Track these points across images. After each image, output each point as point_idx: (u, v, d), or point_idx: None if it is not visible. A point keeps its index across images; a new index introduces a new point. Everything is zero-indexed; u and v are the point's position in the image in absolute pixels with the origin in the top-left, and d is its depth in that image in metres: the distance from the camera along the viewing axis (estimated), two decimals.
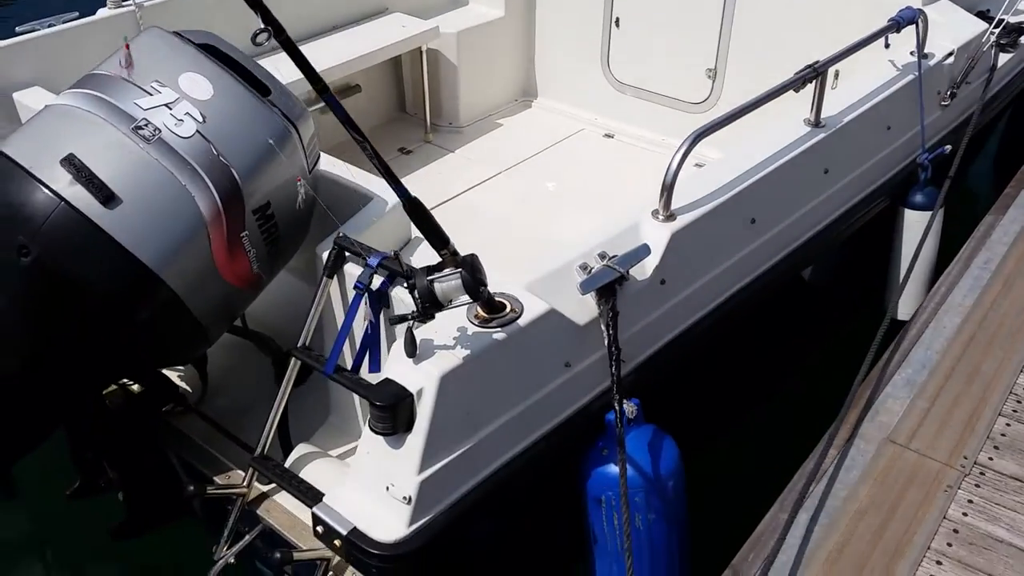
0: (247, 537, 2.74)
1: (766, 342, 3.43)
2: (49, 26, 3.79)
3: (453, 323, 2.16)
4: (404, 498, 2.07)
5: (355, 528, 2.10)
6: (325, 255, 2.71)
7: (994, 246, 3.55)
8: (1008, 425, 2.77)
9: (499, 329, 2.16)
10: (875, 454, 2.66)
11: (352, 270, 2.66)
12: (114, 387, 3.16)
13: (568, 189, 4.58)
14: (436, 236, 2.01)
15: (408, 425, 2.07)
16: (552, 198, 4.54)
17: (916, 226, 3.52)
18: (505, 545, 2.62)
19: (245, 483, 2.75)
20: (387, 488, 2.10)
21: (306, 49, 4.64)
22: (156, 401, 3.06)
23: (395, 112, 5.52)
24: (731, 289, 2.79)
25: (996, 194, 4.17)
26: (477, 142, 5.25)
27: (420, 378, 2.06)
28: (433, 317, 2.00)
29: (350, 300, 2.69)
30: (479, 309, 2.19)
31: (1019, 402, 2.84)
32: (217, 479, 2.87)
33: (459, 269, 1.95)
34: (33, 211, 2.30)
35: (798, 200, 3.00)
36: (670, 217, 2.55)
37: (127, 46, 2.50)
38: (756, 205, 2.79)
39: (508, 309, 2.20)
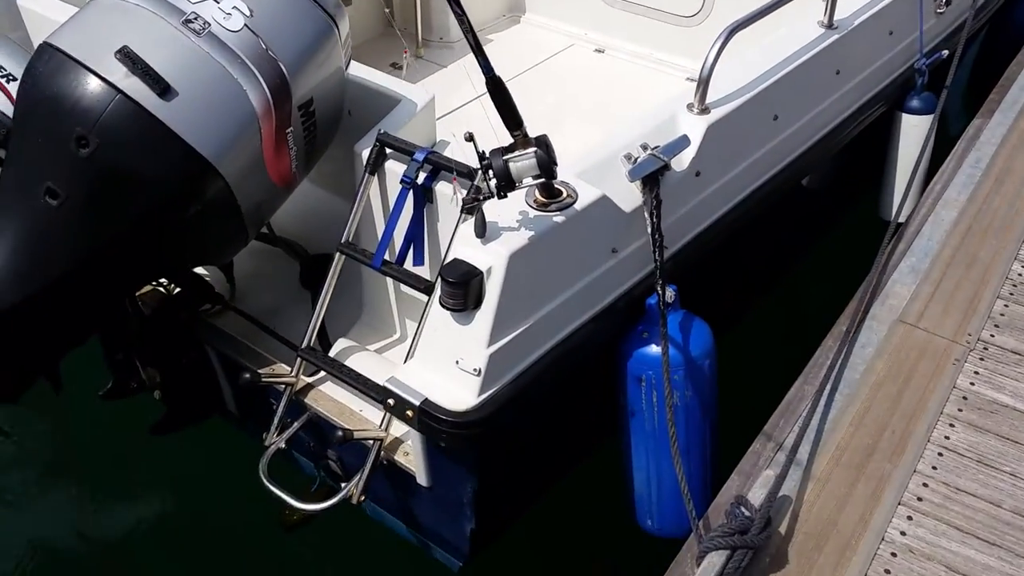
0: (296, 424, 2.86)
1: (781, 237, 3.61)
2: None
3: (514, 207, 2.27)
4: (474, 370, 2.20)
5: (427, 399, 2.23)
6: (365, 153, 2.77)
7: (983, 147, 3.75)
8: (1006, 306, 2.99)
9: (558, 212, 2.27)
10: (887, 333, 2.87)
11: (393, 167, 2.74)
12: (148, 288, 3.22)
13: (564, 104, 4.63)
14: (512, 117, 2.10)
15: (477, 302, 2.19)
16: (549, 113, 4.60)
17: (913, 131, 3.69)
18: (550, 422, 2.78)
19: (293, 373, 2.85)
20: (456, 362, 2.23)
21: None
22: (193, 301, 3.11)
23: (384, 27, 5.47)
24: (756, 183, 2.94)
25: (975, 100, 4.37)
26: (469, 57, 5.22)
27: (490, 257, 2.17)
28: (506, 196, 2.10)
29: (390, 196, 2.78)
30: (538, 194, 2.29)
31: (1015, 286, 3.07)
32: (260, 371, 2.96)
33: (534, 148, 2.05)
34: (90, 103, 2.32)
35: (814, 99, 3.14)
36: (704, 110, 2.67)
37: None
38: (779, 102, 2.92)
39: (565, 195, 2.31)
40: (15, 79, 3.14)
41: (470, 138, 2.10)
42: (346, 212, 3.38)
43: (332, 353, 2.88)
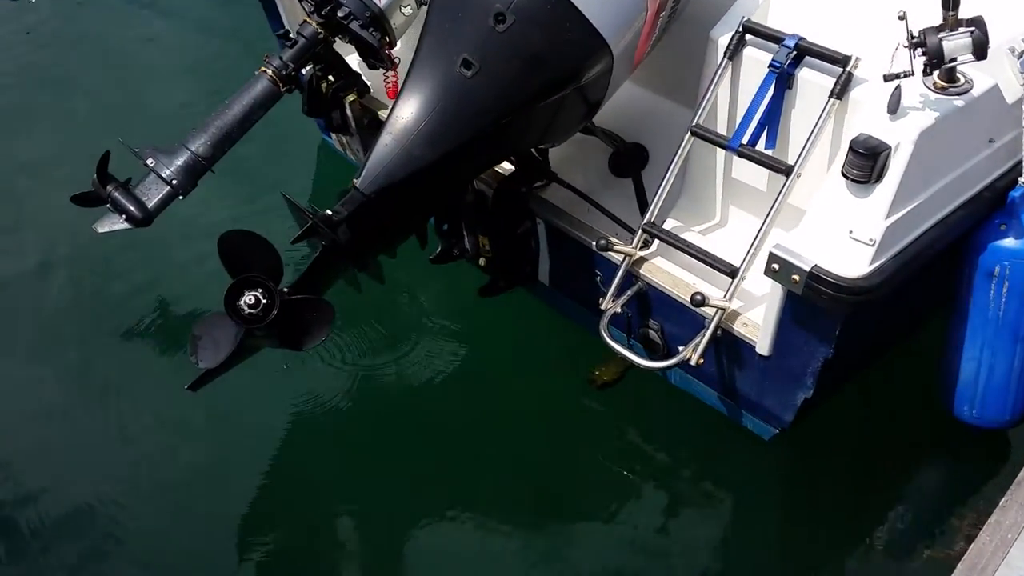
0: (630, 291, 3.11)
1: None
2: None
3: (914, 90, 2.39)
4: (869, 240, 2.37)
5: (817, 265, 2.41)
6: (722, 40, 2.92)
7: None
8: None
9: (957, 97, 2.38)
10: None
11: (751, 53, 2.88)
12: None
13: None
14: None
15: (879, 176, 2.34)
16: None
17: None
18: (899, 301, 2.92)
19: (635, 245, 3.08)
20: (849, 232, 2.40)
21: None
22: (531, 176, 3.38)
23: None
24: None
25: None
26: None
27: (899, 133, 2.31)
28: (930, 74, 2.22)
29: (743, 80, 2.93)
30: (937, 78, 2.40)
31: None
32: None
33: (970, 28, 2.15)
34: None
35: None
36: None
37: None
38: None
39: (963, 81, 2.41)
40: None
41: (903, 16, 2.21)
42: (654, 105, 3.58)
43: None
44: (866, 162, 2.30)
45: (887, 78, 2.28)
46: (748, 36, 2.87)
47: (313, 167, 4.71)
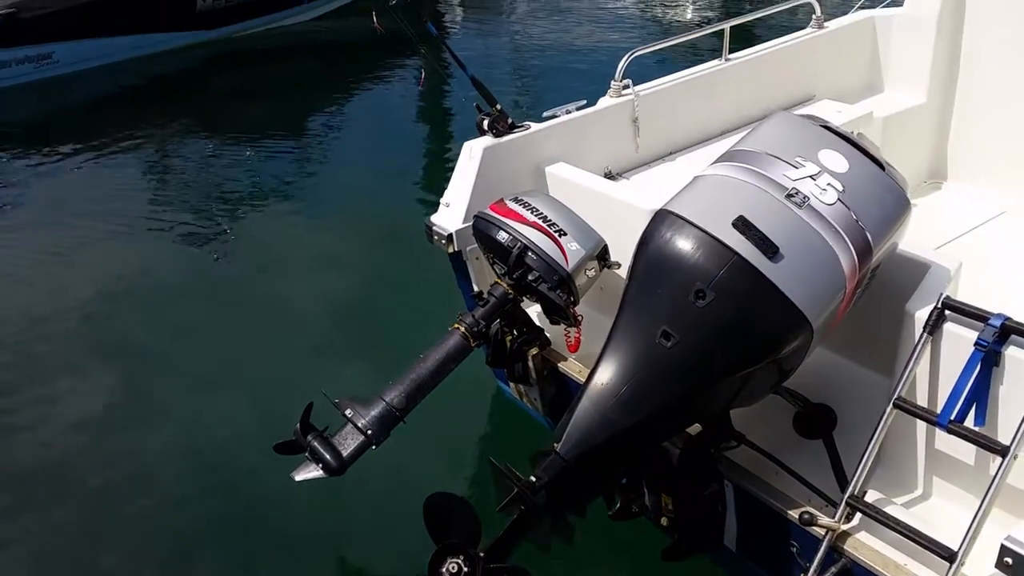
0: (833, 568, 2.95)
1: None
2: (567, 112, 4.41)
3: None
4: None
5: None
6: (920, 314, 2.94)
7: None
8: None
9: None
10: None
11: (953, 329, 2.87)
12: None
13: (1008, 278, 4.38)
14: None
15: None
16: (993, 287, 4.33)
17: None
18: None
19: (838, 519, 2.97)
20: None
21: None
22: (720, 437, 3.36)
23: None
24: None
25: None
26: None
27: None
28: None
29: (944, 356, 2.90)
30: None
31: None
32: (790, 512, 3.11)
33: None
34: (709, 263, 2.72)
35: None
36: None
37: None
38: None
39: None
40: (565, 233, 3.72)
41: None
42: (839, 367, 3.56)
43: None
44: None
45: None
46: (948, 312, 2.88)
47: (486, 412, 4.86)
